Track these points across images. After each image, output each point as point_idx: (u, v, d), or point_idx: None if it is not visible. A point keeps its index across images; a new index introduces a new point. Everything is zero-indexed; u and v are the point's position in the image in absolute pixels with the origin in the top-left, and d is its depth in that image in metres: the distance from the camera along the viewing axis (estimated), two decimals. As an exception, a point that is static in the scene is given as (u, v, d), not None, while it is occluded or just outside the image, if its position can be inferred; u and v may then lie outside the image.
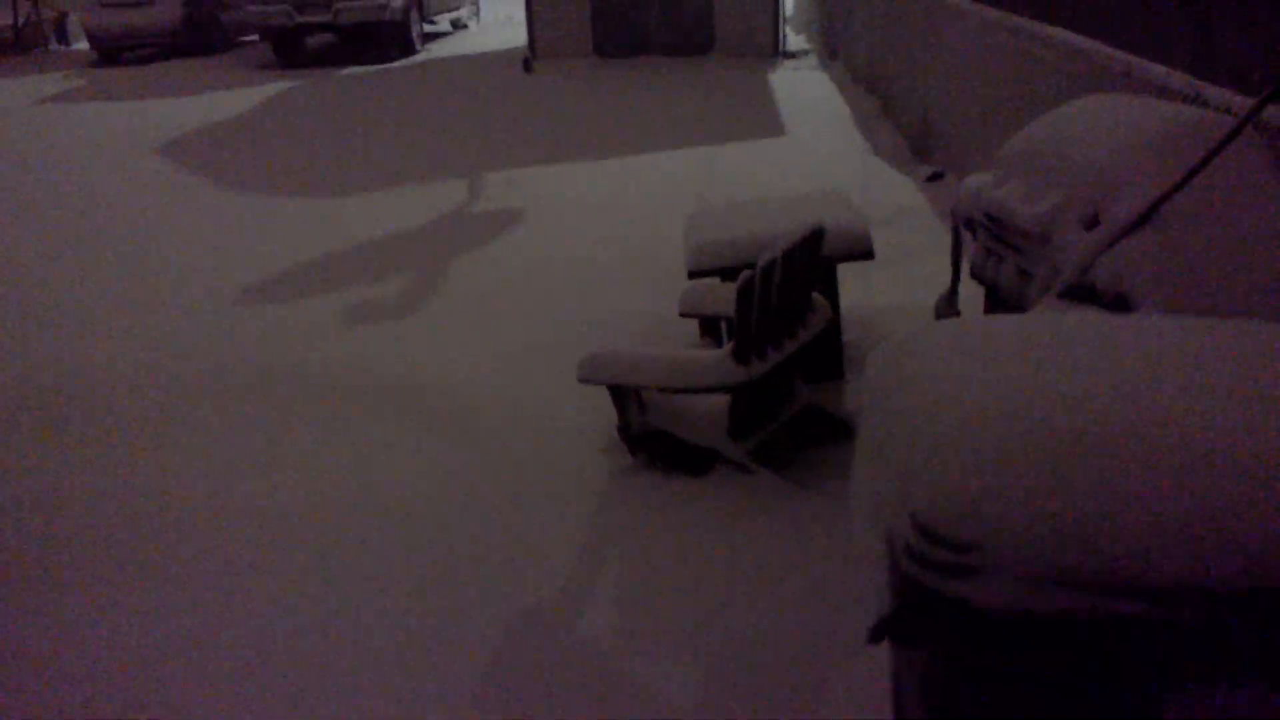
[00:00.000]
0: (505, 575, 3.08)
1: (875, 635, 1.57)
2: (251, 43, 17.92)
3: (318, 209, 7.32)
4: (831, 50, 13.00)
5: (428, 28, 17.46)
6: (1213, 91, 3.35)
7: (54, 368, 4.77)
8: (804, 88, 11.05)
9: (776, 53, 13.26)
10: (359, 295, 5.54)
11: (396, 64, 14.67)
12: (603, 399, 3.98)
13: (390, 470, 3.73)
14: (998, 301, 3.59)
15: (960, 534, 1.40)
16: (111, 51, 16.53)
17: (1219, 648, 1.36)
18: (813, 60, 12.98)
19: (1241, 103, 3.18)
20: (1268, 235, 2.60)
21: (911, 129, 8.13)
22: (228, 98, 12.36)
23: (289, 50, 15.39)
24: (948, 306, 3.98)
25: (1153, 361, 1.62)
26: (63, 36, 19.31)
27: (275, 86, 13.05)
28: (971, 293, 4.12)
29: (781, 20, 13.47)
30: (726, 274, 3.96)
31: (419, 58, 15.22)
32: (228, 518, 3.47)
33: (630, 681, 2.60)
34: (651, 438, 3.56)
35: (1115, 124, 3.00)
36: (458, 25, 19.19)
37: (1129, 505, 1.35)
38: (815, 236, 3.45)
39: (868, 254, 3.98)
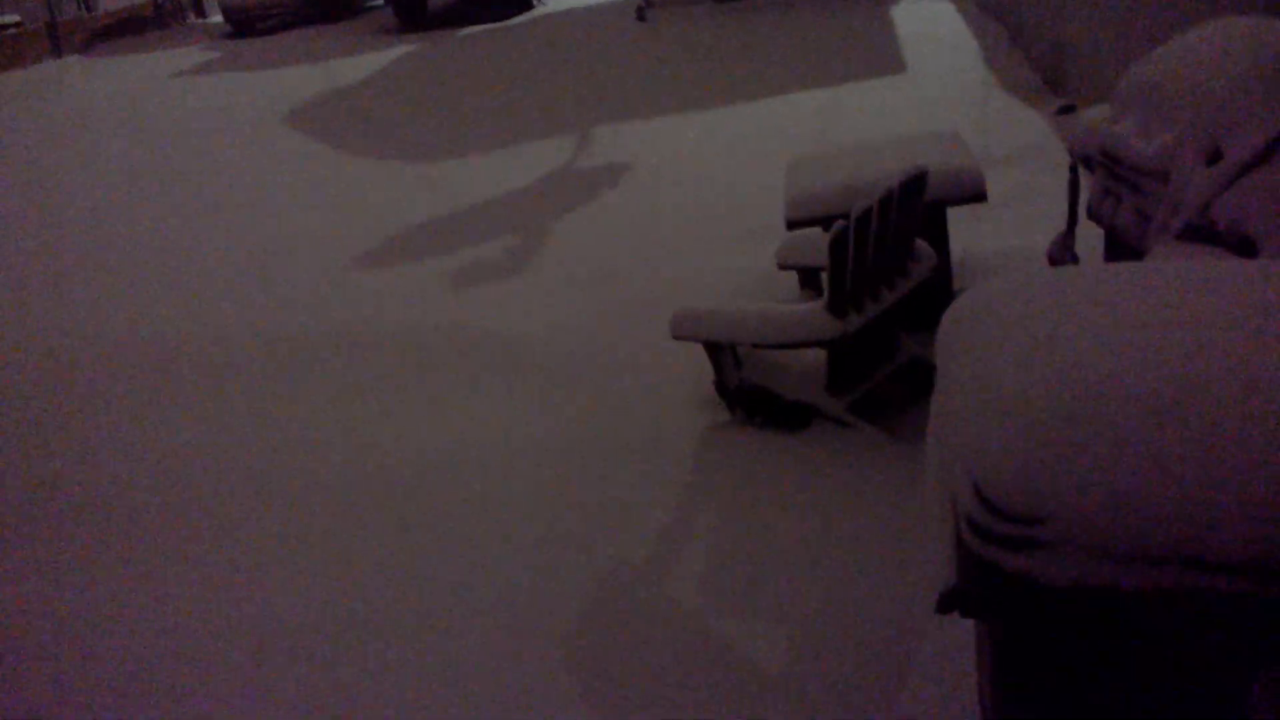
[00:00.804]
0: (601, 528, 3.10)
1: (943, 606, 1.51)
2: (377, 8, 18.27)
3: (432, 172, 7.45)
4: (957, -21, 12.40)
5: (545, -18, 17.44)
6: (1360, 5, 3.04)
7: (192, 327, 5.02)
8: (928, 20, 10.58)
9: (900, -15, 12.71)
10: (467, 256, 5.62)
11: (515, 21, 14.72)
12: (699, 353, 3.95)
13: (497, 423, 3.80)
14: (1116, 244, 3.38)
15: (1023, 506, 1.32)
16: (244, 23, 17.12)
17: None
18: (938, -9, 12.41)
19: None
20: None
21: (1043, 59, 7.70)
22: (351, 64, 12.64)
23: (411, 13, 15.62)
24: (1064, 250, 3.77)
25: (1254, 318, 1.48)
26: (200, 10, 20.10)
27: (396, 50, 13.28)
28: (1090, 234, 3.90)
29: (904, -49, 12.90)
30: (826, 223, 3.84)
31: (536, 13, 15.23)
32: (352, 466, 3.60)
33: (720, 642, 2.58)
34: (748, 393, 3.50)
35: (1237, 50, 2.76)
36: (575, -24, 19.10)
37: (1202, 475, 1.24)
38: (917, 181, 3.30)
39: (979, 196, 3.79)
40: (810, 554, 2.86)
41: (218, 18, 19.01)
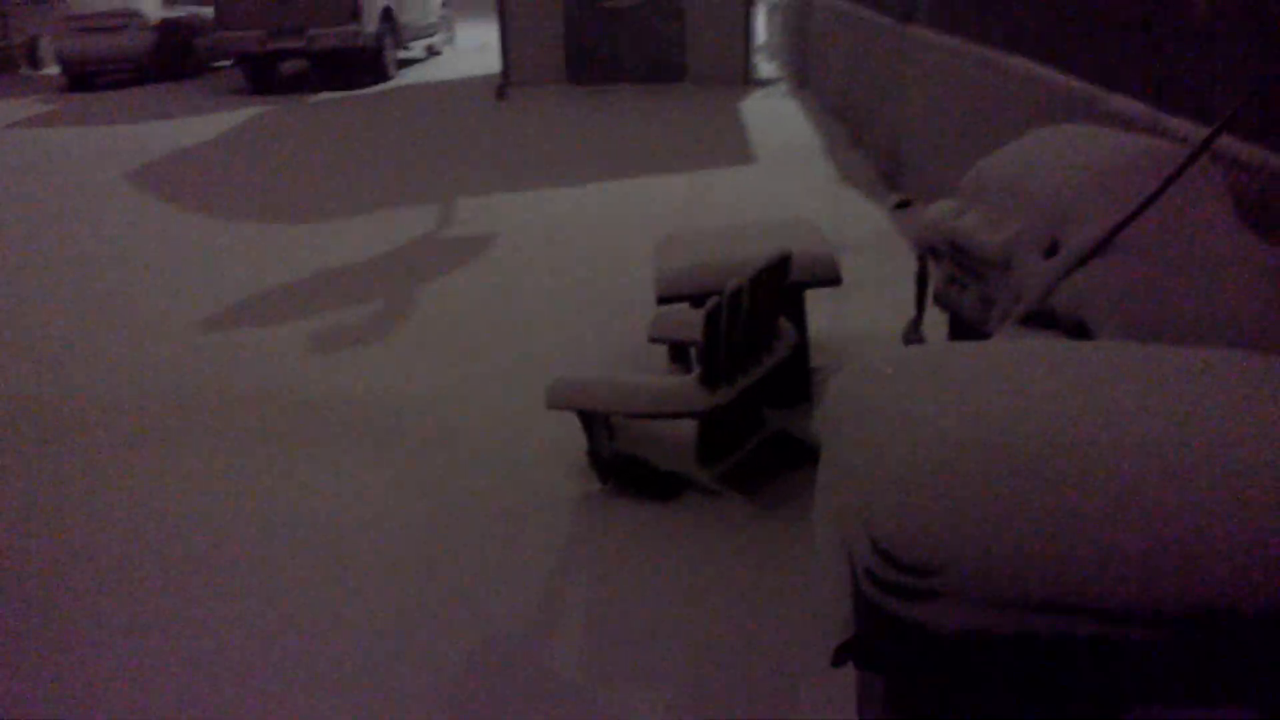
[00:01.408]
0: (473, 600, 3.08)
1: (839, 658, 1.59)
2: (225, 68, 17.90)
3: (288, 234, 7.30)
4: (802, 79, 13.15)
5: (402, 54, 17.50)
6: (1172, 121, 3.42)
7: (24, 394, 4.73)
8: (774, 116, 11.16)
9: (747, 81, 13.39)
10: (330, 321, 5.53)
11: (370, 90, 14.69)
12: (573, 424, 4.00)
13: (360, 493, 3.72)
14: (962, 328, 3.64)
15: (919, 559, 1.42)
16: (83, 76, 16.45)
17: (1172, 668, 1.39)
18: (783, 88, 13.12)
19: (1198, 132, 3.25)
20: (1221, 263, 2.66)
21: (881, 157, 8.23)
22: (198, 123, 12.32)
23: (262, 76, 15.37)
24: (913, 333, 4.03)
25: (1110, 388, 1.65)
26: (34, 61, 19.20)
27: (247, 112, 13.03)
28: (937, 319, 4.18)
29: (752, 48, 13.62)
30: (695, 300, 3.99)
31: (393, 84, 15.25)
32: (199, 539, 3.45)
33: (597, 708, 2.60)
34: (621, 463, 3.57)
35: (1074, 153, 3.06)
36: (433, 51, 19.25)
37: (1084, 530, 1.37)
38: (782, 263, 3.49)
39: (835, 280, 4.03)
40: (684, 619, 2.92)
41: (55, 69, 18.18)
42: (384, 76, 15.50)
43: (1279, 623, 1.32)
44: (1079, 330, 2.83)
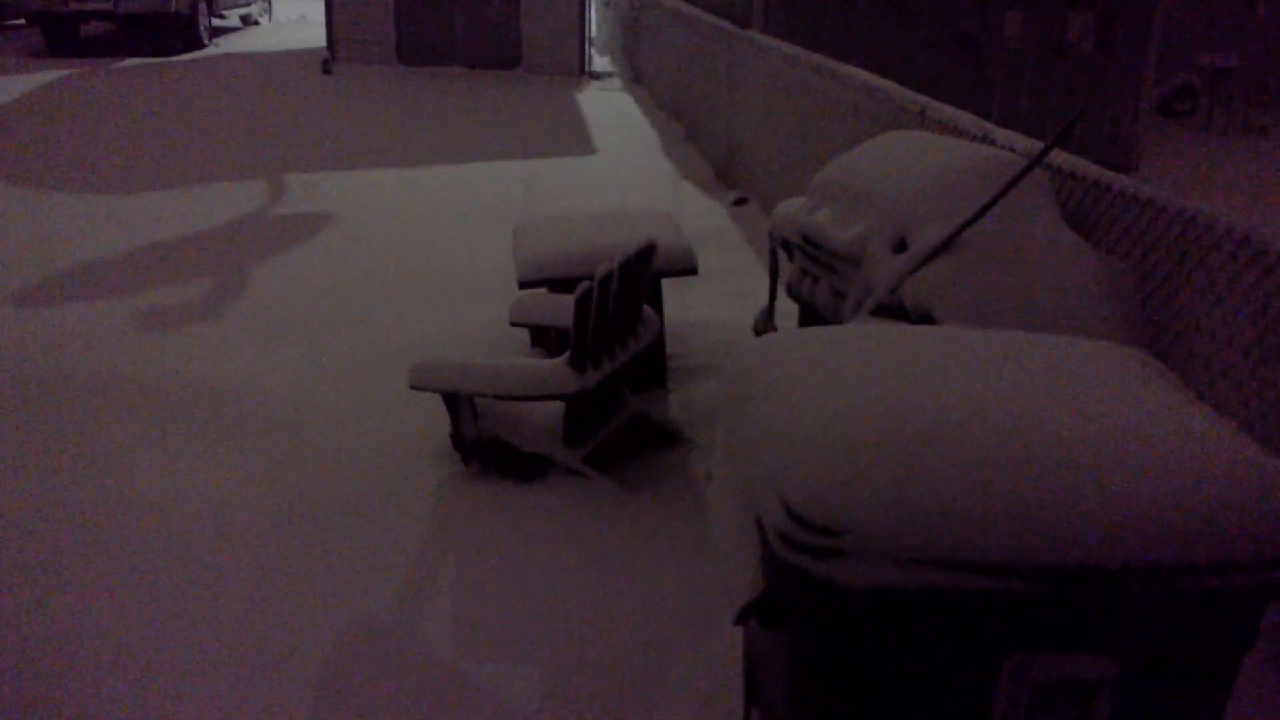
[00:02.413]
0: (337, 585, 3.04)
1: (742, 616, 1.70)
2: (18, 27, 16.54)
3: (102, 205, 6.88)
4: (636, 74, 13.35)
5: (216, 22, 16.64)
6: (1000, 133, 3.73)
7: None
8: (611, 109, 11.30)
9: (583, 72, 13.49)
10: (159, 297, 5.27)
11: (183, 57, 13.92)
12: (429, 408, 3.98)
13: (208, 480, 3.59)
14: (813, 318, 3.85)
15: (828, 519, 1.55)
16: None
17: (1047, 619, 1.57)
18: (618, 82, 13.28)
19: (1025, 143, 3.57)
20: (1052, 262, 2.94)
21: (716, 156, 8.49)
22: (-8, 83, 11.38)
23: (61, 37, 14.30)
24: (766, 323, 4.23)
25: (969, 364, 1.83)
26: None
27: (47, 75, 12.11)
28: (786, 310, 4.39)
29: (587, 40, 13.72)
30: (555, 285, 4.05)
31: (207, 52, 14.50)
32: (33, 529, 3.25)
33: (470, 687, 2.63)
34: (486, 445, 3.60)
35: (921, 158, 3.30)
36: (248, 21, 18.40)
37: (973, 490, 1.53)
38: (648, 251, 3.60)
39: (691, 270, 4.17)
40: (553, 596, 2.99)
41: None
42: (197, 44, 14.73)
43: (1139, 577, 1.52)
44: (925, 321, 3.07)
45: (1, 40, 15.27)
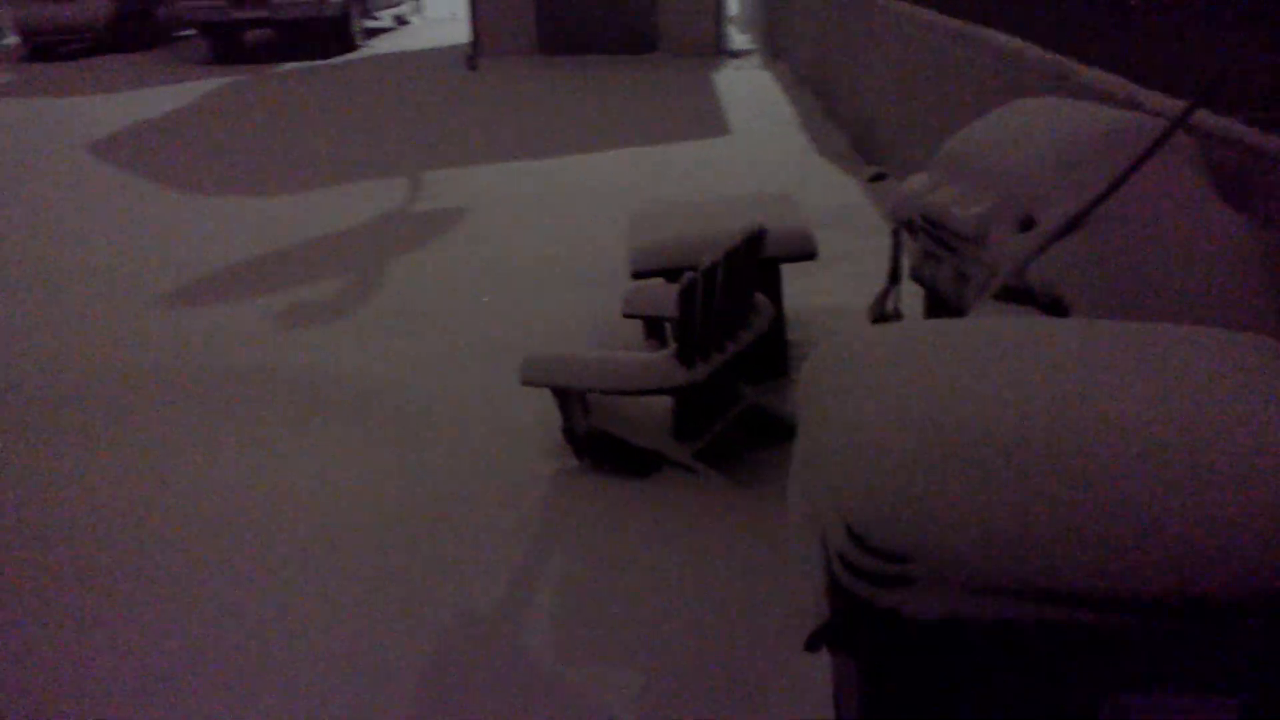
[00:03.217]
0: (446, 580, 3.05)
1: (812, 644, 1.57)
2: (187, 38, 17.57)
3: (253, 208, 7.19)
4: (775, 50, 13.07)
5: (369, 23, 17.24)
6: (1146, 95, 3.41)
7: (-20, 373, 4.64)
8: (748, 87, 11.09)
9: (720, 52, 13.30)
10: (299, 296, 5.45)
11: (336, 60, 14.46)
12: (545, 400, 3.97)
13: (332, 472, 3.67)
14: (937, 302, 3.62)
15: (893, 543, 1.40)
16: (43, 46, 16.10)
17: (1149, 656, 1.38)
18: (756, 60, 13.04)
19: (1174, 106, 3.24)
20: (1197, 239, 2.65)
21: (854, 130, 8.19)
22: (160, 94, 12.10)
23: (225, 45, 15.10)
24: (886, 307, 4.02)
25: (1088, 368, 1.64)
26: (-9, 30, 18.76)
27: (210, 83, 12.80)
28: (912, 293, 4.16)
29: (725, 19, 13.51)
30: (670, 274, 3.95)
31: (361, 53, 15.02)
32: (168, 520, 3.39)
33: (569, 690, 2.58)
34: (596, 440, 3.54)
35: (1050, 127, 3.04)
36: (401, 21, 18.98)
37: (1062, 514, 1.36)
38: (757, 238, 3.46)
39: (810, 254, 4.00)
40: (659, 597, 2.91)
41: (13, 39, 17.78)
42: (350, 46, 15.28)
43: (1258, 609, 1.31)
44: (1055, 306, 2.82)
45: (173, 50, 16.24)
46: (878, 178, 7.10)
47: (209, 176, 8.09)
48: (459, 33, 16.48)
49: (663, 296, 3.82)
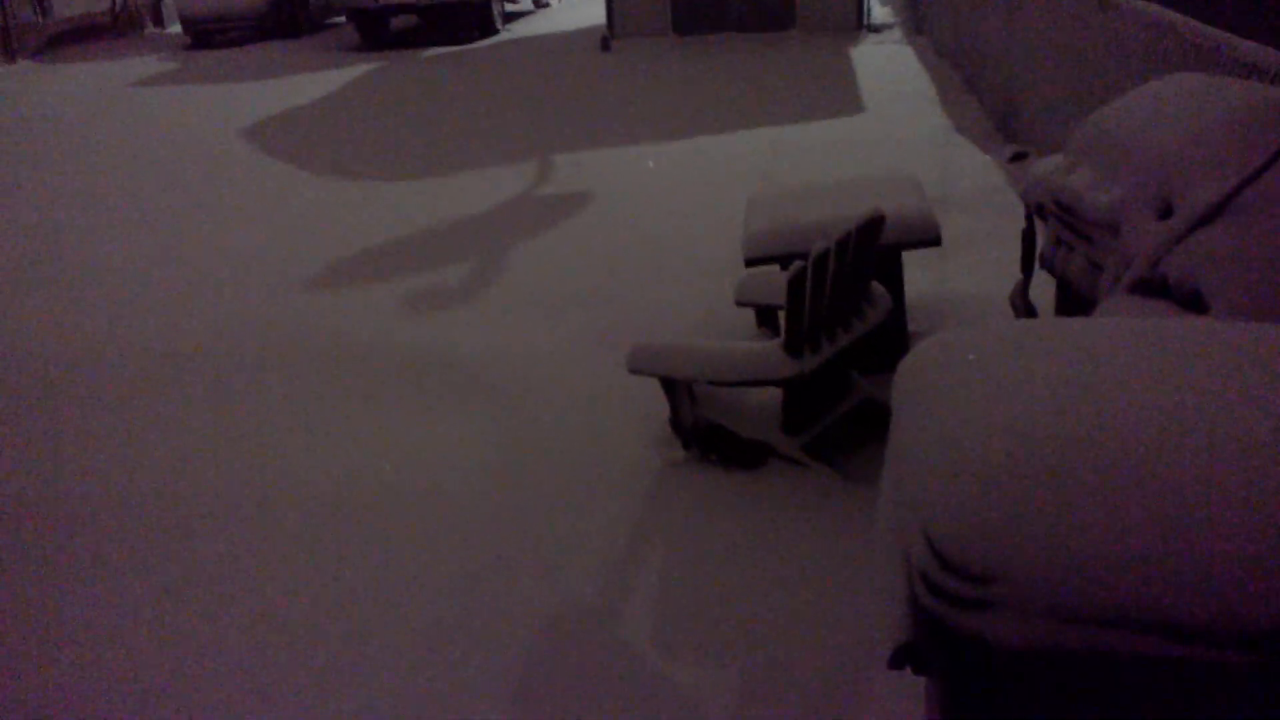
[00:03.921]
0: (550, 566, 3.06)
1: (895, 662, 1.49)
2: (337, 25, 18.20)
3: (394, 192, 7.39)
4: (917, 24, 12.64)
5: (509, 7, 17.49)
6: (1306, 69, 3.12)
7: (144, 342, 4.91)
8: (887, 63, 10.76)
9: (860, 26, 12.94)
10: (424, 278, 5.57)
11: (477, 44, 14.73)
12: (655, 388, 3.93)
13: (446, 453, 3.75)
14: (1068, 294, 3.42)
15: (977, 564, 1.31)
16: (203, 35, 16.95)
17: (1256, 695, 1.25)
18: (897, 34, 12.64)
19: (1337, 82, 2.96)
20: (1356, 228, 2.41)
21: (996, 106, 7.85)
22: (312, 80, 12.56)
23: (373, 32, 15.58)
24: (1022, 300, 3.82)
25: (1215, 377, 1.49)
26: (158, 19, 19.87)
27: (358, 69, 13.22)
28: (1045, 282, 3.95)
29: (865, -7, 13.16)
30: (784, 261, 3.85)
31: (500, 38, 15.26)
32: (286, 491, 3.52)
33: (666, 686, 2.55)
34: (704, 431, 3.49)
35: (1193, 106, 2.82)
36: (539, 4, 19.19)
37: (1166, 538, 1.24)
38: (873, 224, 3.33)
39: (934, 241, 3.84)
40: (762, 595, 2.85)
41: (177, 28, 18.80)
42: (491, 30, 15.53)
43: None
44: (1194, 301, 2.61)
45: (325, 37, 16.85)
46: (1018, 157, 6.78)
47: (354, 161, 8.36)
48: (595, 13, 16.54)
49: (775, 284, 3.73)
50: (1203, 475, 1.28)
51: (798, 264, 3.02)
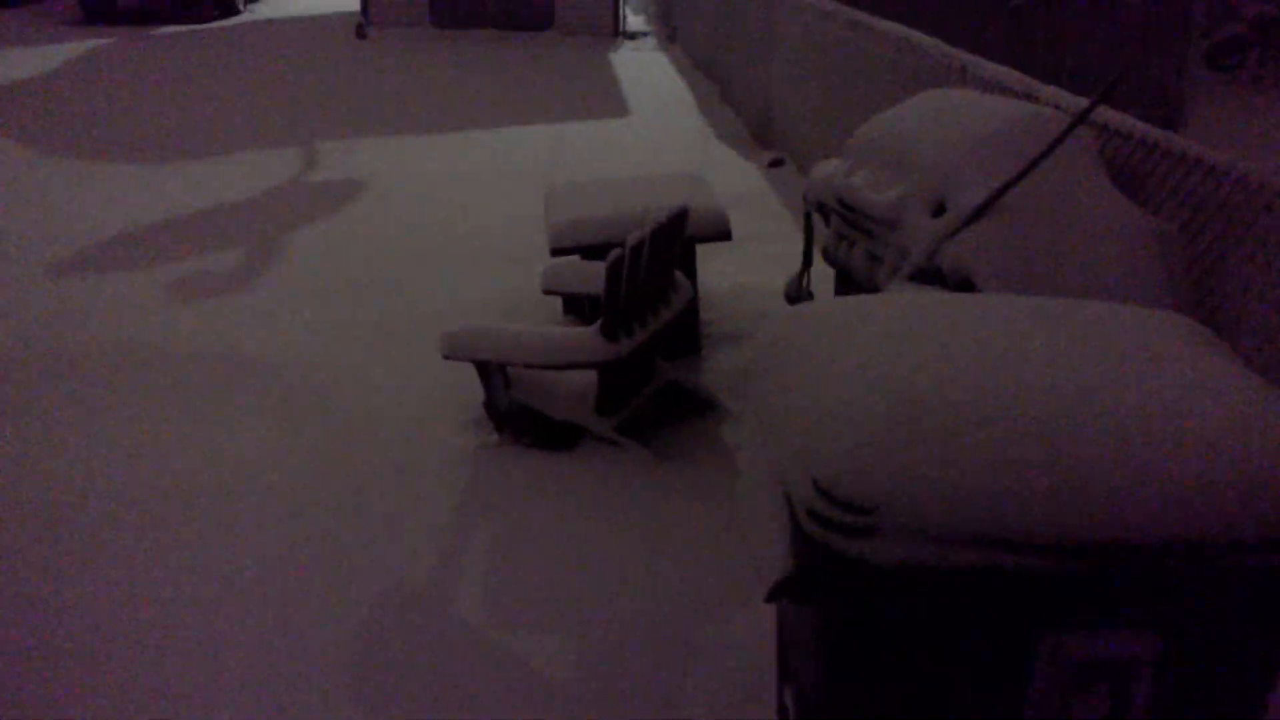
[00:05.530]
0: (372, 554, 3.05)
1: (774, 594, 1.67)
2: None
3: (137, 176, 6.92)
4: (670, 33, 13.18)
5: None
6: (1044, 90, 3.62)
7: None
8: (645, 69, 11.17)
9: (616, 32, 13.34)
10: (190, 266, 5.30)
11: (218, 24, 13.95)
12: (462, 375, 3.98)
13: (244, 448, 3.62)
14: (849, 283, 3.78)
15: (859, 496, 1.51)
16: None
17: (1083, 597, 1.52)
18: (652, 42, 13.13)
19: (1070, 99, 3.46)
20: (1097, 224, 2.85)
21: (751, 116, 8.36)
22: (35, 54, 11.47)
23: (100, 5, 14.37)
24: (800, 288, 4.16)
25: (1020, 335, 1.78)
26: None
27: (86, 44, 12.19)
28: (822, 274, 4.32)
29: (621, 0, 13.55)
30: (588, 252, 4.01)
31: (242, 18, 14.52)
32: (71, 500, 3.29)
33: (505, 656, 2.64)
34: (518, 414, 3.58)
35: (960, 117, 3.21)
36: (283, -14, 18.35)
37: (1008, 464, 1.49)
38: (680, 217, 3.55)
39: (726, 235, 4.11)
40: (584, 566, 2.98)
41: None
42: (232, 10, 14.75)
43: (1183, 554, 1.47)
44: (964, 287, 2.99)
45: (41, 9, 15.37)
46: (776, 163, 7.28)
47: (88, 144, 7.74)
48: (344, 0, 16.05)
49: (584, 273, 3.88)
50: (1035, 413, 1.54)
51: (617, 251, 3.18)
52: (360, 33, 12.86)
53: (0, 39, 12.47)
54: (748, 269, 5.20)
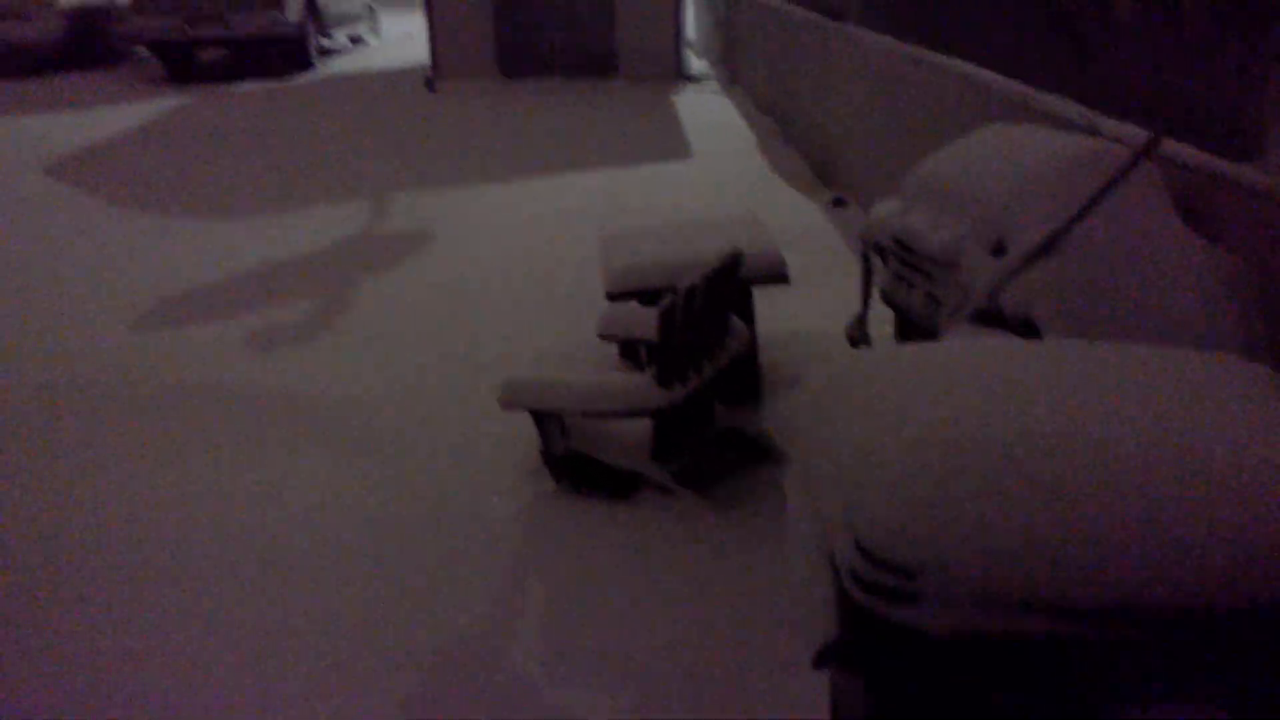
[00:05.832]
0: (428, 604, 3.04)
1: (820, 661, 1.61)
2: (142, 57, 17.36)
3: (213, 231, 7.12)
4: (733, 74, 13.23)
5: (325, 43, 17.16)
6: (1107, 123, 3.52)
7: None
8: (707, 111, 11.21)
9: (679, 76, 13.43)
10: (269, 319, 5.41)
11: (293, 81, 14.39)
12: (523, 422, 3.98)
13: (307, 495, 3.65)
14: (908, 326, 3.70)
15: (905, 559, 1.44)
16: (-9, 63, 15.84)
17: (1148, 667, 1.43)
18: (714, 84, 13.18)
19: (1134, 133, 3.35)
20: (1164, 262, 2.75)
21: (813, 155, 8.32)
22: (116, 114, 11.95)
23: (181, 65, 14.95)
24: (859, 331, 4.09)
25: (1079, 386, 1.69)
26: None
27: (167, 103, 12.67)
28: (881, 316, 4.24)
29: (684, 43, 13.66)
30: (644, 296, 3.99)
31: (317, 74, 14.96)
32: (136, 545, 3.35)
33: (559, 711, 2.59)
34: (575, 461, 3.56)
35: (1018, 153, 3.13)
36: (356, 41, 18.92)
37: (1068, 528, 1.41)
38: (734, 261, 3.51)
39: (783, 278, 4.06)
40: (644, 618, 2.93)
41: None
42: (307, 66, 15.21)
43: (1250, 621, 1.37)
44: (1027, 328, 2.90)
45: (125, 70, 16.04)
46: (839, 203, 7.21)
47: (170, 199, 8.00)
48: (415, 52, 16.47)
49: (639, 318, 3.85)
50: (1090, 470, 1.46)
51: (669, 297, 3.15)
52: (429, 85, 13.15)
53: (90, 100, 13.01)
54: (809, 311, 5.13)
